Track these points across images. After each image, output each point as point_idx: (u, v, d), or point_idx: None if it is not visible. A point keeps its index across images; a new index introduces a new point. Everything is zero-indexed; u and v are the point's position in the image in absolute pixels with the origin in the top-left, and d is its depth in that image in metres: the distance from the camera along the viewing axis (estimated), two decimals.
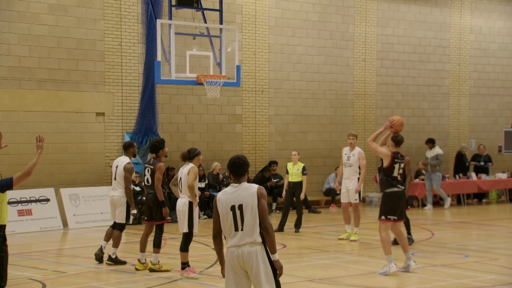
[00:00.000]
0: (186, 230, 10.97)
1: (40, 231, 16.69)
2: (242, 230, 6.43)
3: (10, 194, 8.61)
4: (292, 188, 16.05)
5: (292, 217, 16.51)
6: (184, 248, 10.97)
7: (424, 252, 13.20)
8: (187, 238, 11.03)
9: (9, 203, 15.40)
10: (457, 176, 23.04)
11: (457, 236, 16.22)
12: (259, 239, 6.45)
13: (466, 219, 19.38)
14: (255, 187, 6.53)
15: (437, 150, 21.33)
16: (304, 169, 16.01)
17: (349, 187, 14.99)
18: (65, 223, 17.26)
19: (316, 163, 22.22)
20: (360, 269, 11.65)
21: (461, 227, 17.68)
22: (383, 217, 11.28)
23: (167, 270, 11.45)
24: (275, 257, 6.48)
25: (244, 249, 6.41)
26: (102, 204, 17.83)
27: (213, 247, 6.71)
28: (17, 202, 16.61)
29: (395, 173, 11.25)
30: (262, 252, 6.46)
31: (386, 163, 11.24)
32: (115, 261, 12.05)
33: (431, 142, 21.55)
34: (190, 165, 11.13)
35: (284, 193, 16.30)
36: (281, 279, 11.00)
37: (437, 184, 21.27)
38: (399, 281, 10.76)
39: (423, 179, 22.04)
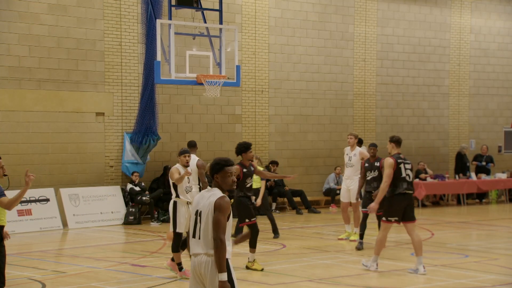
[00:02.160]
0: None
1: (40, 231, 16.68)
2: (199, 238, 6.03)
3: (10, 194, 8.59)
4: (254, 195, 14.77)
5: (264, 221, 16.09)
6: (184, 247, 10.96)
7: (424, 252, 13.14)
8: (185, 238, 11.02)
9: None
10: (457, 176, 23.04)
11: (457, 236, 16.21)
12: (212, 252, 5.98)
13: (466, 219, 19.38)
14: (216, 196, 6.03)
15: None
16: None
17: (350, 187, 14.91)
18: (64, 223, 17.25)
19: (316, 163, 22.21)
20: (360, 269, 11.63)
21: (461, 227, 17.67)
22: (383, 218, 11.28)
23: (256, 269, 11.40)
24: (222, 277, 5.85)
25: (200, 258, 6.00)
26: (102, 204, 17.83)
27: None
28: None
29: (403, 174, 11.18)
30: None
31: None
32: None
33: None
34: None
35: None
36: (281, 279, 10.97)
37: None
38: (399, 281, 10.75)
39: (423, 179, 22.03)
